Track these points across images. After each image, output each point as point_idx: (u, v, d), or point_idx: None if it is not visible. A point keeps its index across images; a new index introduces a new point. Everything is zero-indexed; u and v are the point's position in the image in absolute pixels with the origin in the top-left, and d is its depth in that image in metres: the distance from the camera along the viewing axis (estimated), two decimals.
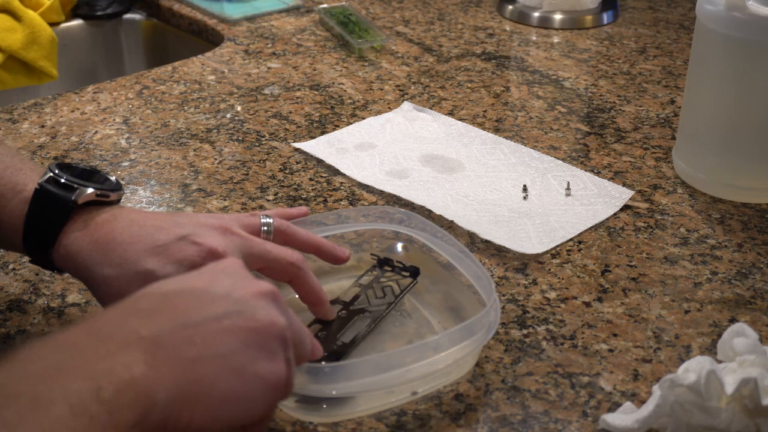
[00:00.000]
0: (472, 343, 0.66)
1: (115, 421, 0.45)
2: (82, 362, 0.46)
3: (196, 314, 0.52)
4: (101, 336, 0.48)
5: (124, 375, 0.46)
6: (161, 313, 0.52)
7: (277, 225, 0.71)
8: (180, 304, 0.53)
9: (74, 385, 0.44)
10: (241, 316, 0.54)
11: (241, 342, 0.53)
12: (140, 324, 0.50)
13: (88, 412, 0.44)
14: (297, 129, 1.07)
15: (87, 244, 0.65)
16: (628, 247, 0.85)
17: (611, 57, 1.27)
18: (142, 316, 0.51)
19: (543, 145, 1.04)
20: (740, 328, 0.67)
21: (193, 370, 0.50)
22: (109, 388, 0.45)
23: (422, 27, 1.38)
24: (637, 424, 0.63)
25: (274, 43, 1.31)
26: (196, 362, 0.50)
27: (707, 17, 0.89)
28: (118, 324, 0.50)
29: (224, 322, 0.53)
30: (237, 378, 0.52)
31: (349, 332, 0.71)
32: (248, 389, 0.52)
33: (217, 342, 0.52)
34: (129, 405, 0.45)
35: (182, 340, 0.50)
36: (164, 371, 0.48)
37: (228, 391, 0.51)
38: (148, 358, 0.48)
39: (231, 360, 0.52)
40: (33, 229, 0.67)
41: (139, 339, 0.49)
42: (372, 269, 0.79)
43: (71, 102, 1.13)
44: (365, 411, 0.66)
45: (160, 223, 0.67)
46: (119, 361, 0.47)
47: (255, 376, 0.53)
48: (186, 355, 0.50)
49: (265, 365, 0.53)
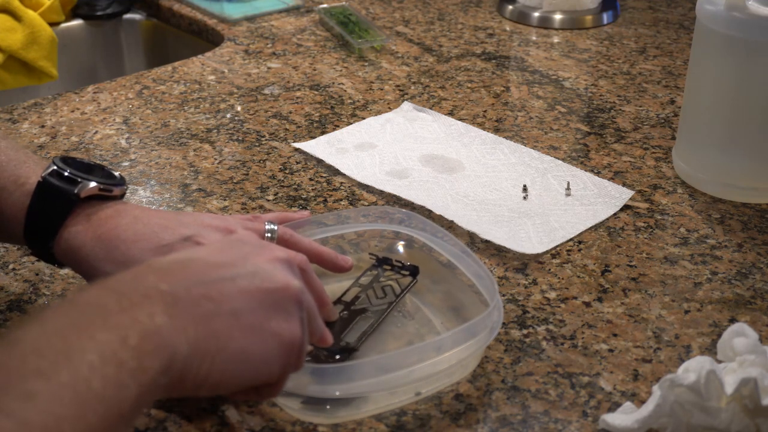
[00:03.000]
0: (476, 344, 0.66)
1: (143, 367, 0.46)
2: (106, 316, 0.47)
3: (213, 274, 0.54)
4: (122, 291, 0.50)
5: (148, 324, 0.48)
6: (178, 272, 0.53)
7: (281, 233, 0.71)
8: (196, 266, 0.54)
9: (101, 335, 0.46)
10: (256, 277, 0.55)
11: (256, 301, 0.54)
12: (158, 280, 0.51)
13: (116, 358, 0.45)
14: (297, 129, 1.07)
15: (90, 240, 0.65)
16: (628, 247, 0.85)
17: (611, 57, 1.27)
18: (159, 273, 0.52)
19: (543, 145, 1.04)
20: (740, 328, 0.67)
21: (210, 325, 0.51)
22: (134, 337, 0.47)
23: (422, 27, 1.38)
24: (637, 424, 0.63)
25: (274, 43, 1.31)
26: (213, 317, 0.51)
27: (707, 17, 0.90)
28: (136, 280, 0.51)
29: (239, 282, 0.54)
30: (252, 335, 0.53)
31: (352, 332, 0.71)
32: (263, 347, 0.54)
33: (233, 299, 0.53)
34: (154, 352, 0.47)
35: (199, 296, 0.51)
36: (183, 323, 0.49)
37: (243, 348, 0.52)
38: (168, 310, 0.49)
39: (246, 317, 0.53)
40: (35, 221, 0.67)
41: (158, 292, 0.50)
42: (371, 269, 0.79)
43: (71, 102, 1.14)
44: (369, 412, 0.66)
45: (165, 221, 0.67)
46: (142, 311, 0.48)
47: (269, 334, 0.54)
48: (202, 310, 0.51)
49: (280, 323, 0.54)
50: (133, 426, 0.48)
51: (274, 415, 0.66)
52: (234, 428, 0.65)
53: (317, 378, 0.63)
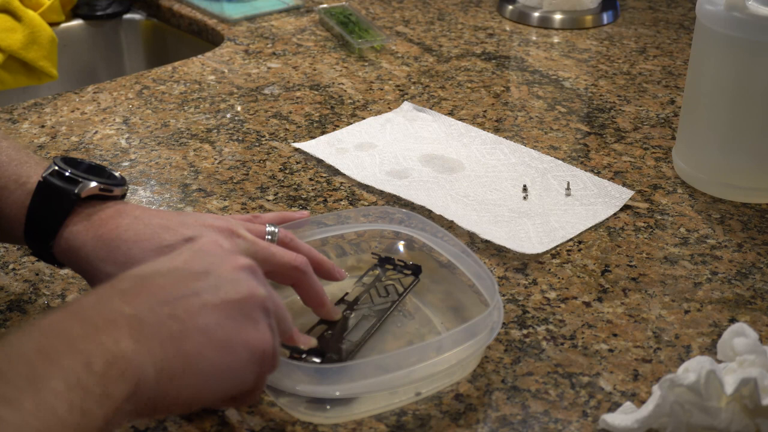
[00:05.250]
0: (476, 344, 0.66)
1: (108, 393, 0.46)
2: (71, 341, 0.47)
3: (177, 291, 0.53)
4: (86, 317, 0.49)
5: (113, 349, 0.47)
6: (142, 292, 0.52)
7: (281, 236, 0.71)
8: (160, 283, 0.53)
9: (66, 361, 0.45)
10: (220, 289, 0.54)
11: (224, 315, 0.53)
12: (122, 303, 0.50)
13: (81, 385, 0.45)
14: (297, 129, 1.07)
15: (90, 239, 0.65)
16: (628, 247, 0.85)
17: (611, 57, 1.27)
18: (123, 296, 0.51)
19: (543, 145, 1.04)
20: (740, 328, 0.67)
21: (178, 345, 0.50)
22: (99, 362, 0.46)
23: (422, 27, 1.38)
24: (636, 424, 0.63)
25: (274, 43, 1.31)
26: (180, 337, 0.51)
27: (707, 17, 0.90)
28: (100, 305, 0.51)
29: (204, 297, 0.53)
30: (222, 350, 0.52)
31: (355, 331, 0.71)
32: (234, 359, 0.53)
33: (200, 316, 0.52)
34: (120, 377, 0.46)
35: (165, 316, 0.51)
36: (150, 346, 0.49)
37: (214, 364, 0.52)
38: (133, 334, 0.48)
39: (215, 333, 0.52)
40: (35, 221, 0.67)
41: (122, 317, 0.49)
42: (373, 268, 0.79)
43: (71, 102, 1.14)
44: (369, 412, 0.66)
45: (166, 222, 0.67)
46: (107, 337, 0.47)
47: (240, 345, 0.53)
48: (169, 330, 0.50)
49: (250, 333, 0.54)
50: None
51: (274, 415, 0.66)
52: (234, 428, 0.65)
53: (317, 378, 0.63)
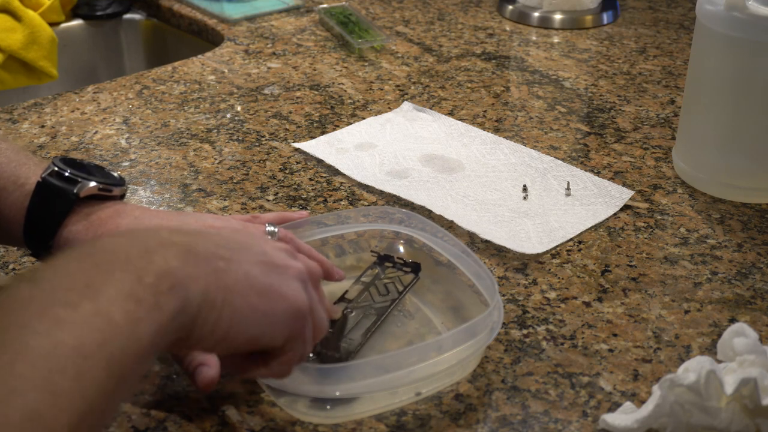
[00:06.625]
0: (476, 344, 0.66)
1: (158, 303, 0.47)
2: (124, 259, 0.49)
3: (227, 241, 0.55)
4: (139, 240, 0.51)
5: (163, 265, 0.49)
6: (194, 233, 0.55)
7: (281, 235, 0.71)
8: (212, 234, 0.56)
9: (119, 274, 0.47)
10: (263, 255, 0.56)
11: (266, 269, 0.55)
12: (173, 234, 0.53)
13: (134, 295, 0.47)
14: (297, 129, 1.07)
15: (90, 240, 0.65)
16: (628, 247, 0.85)
17: (611, 57, 1.27)
18: (173, 230, 0.54)
19: (543, 145, 1.04)
20: (740, 328, 0.67)
21: (222, 278, 0.52)
22: (150, 276, 0.48)
23: (422, 27, 1.38)
24: (636, 424, 0.63)
25: (274, 43, 1.31)
26: (225, 272, 0.52)
27: (707, 17, 0.90)
28: (153, 233, 0.53)
29: (248, 255, 0.55)
30: (261, 294, 0.54)
31: (355, 329, 0.71)
32: (271, 306, 0.54)
33: (243, 264, 0.54)
34: (169, 290, 0.48)
35: (212, 253, 0.53)
36: (196, 272, 0.50)
37: (250, 303, 0.53)
38: (182, 256, 0.50)
39: (255, 278, 0.54)
40: (34, 221, 0.67)
41: (173, 243, 0.51)
42: (372, 266, 0.79)
43: (71, 102, 1.14)
44: (369, 412, 0.66)
45: (166, 222, 0.67)
46: (157, 256, 0.49)
47: (277, 295, 0.55)
48: (214, 265, 0.52)
49: (287, 289, 0.56)
50: (145, 370, 0.49)
51: (274, 415, 0.66)
52: (234, 428, 0.65)
53: (317, 378, 0.63)
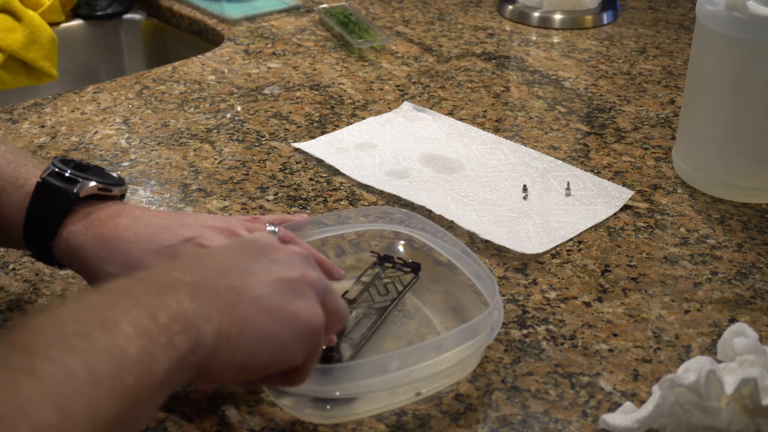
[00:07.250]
0: (476, 344, 0.66)
1: (172, 343, 0.48)
2: (136, 300, 0.49)
3: (234, 266, 0.55)
4: (150, 282, 0.51)
5: (176, 307, 0.49)
6: (201, 265, 0.55)
7: (282, 235, 0.71)
8: (218, 260, 0.56)
9: (133, 312, 0.48)
10: (274, 269, 0.56)
11: (277, 289, 0.55)
12: (183, 273, 0.53)
13: (147, 332, 0.47)
14: (297, 129, 1.07)
15: (90, 240, 0.65)
16: (628, 247, 0.85)
17: (611, 57, 1.27)
18: (183, 267, 0.54)
19: (543, 145, 1.04)
20: (740, 328, 0.67)
21: (233, 312, 0.52)
22: (163, 316, 0.48)
23: (422, 27, 1.38)
24: (636, 424, 0.63)
25: (274, 43, 1.31)
26: (235, 305, 0.53)
27: (707, 17, 0.90)
28: (163, 274, 0.53)
29: (259, 275, 0.55)
30: (274, 320, 0.54)
31: (356, 329, 0.72)
32: (285, 330, 0.55)
33: (254, 289, 0.54)
34: (182, 331, 0.49)
35: (222, 286, 0.53)
36: (208, 311, 0.51)
37: (265, 332, 0.53)
38: (194, 297, 0.51)
39: (267, 302, 0.54)
40: (34, 222, 0.67)
41: (183, 283, 0.52)
42: (372, 266, 0.79)
43: (71, 102, 1.14)
44: (369, 412, 0.66)
45: (166, 222, 0.67)
46: (169, 298, 0.50)
47: (291, 317, 0.55)
48: (225, 299, 0.52)
49: (301, 308, 0.56)
50: (159, 405, 0.50)
51: (274, 415, 0.66)
52: (234, 428, 0.65)
53: (317, 378, 0.63)
